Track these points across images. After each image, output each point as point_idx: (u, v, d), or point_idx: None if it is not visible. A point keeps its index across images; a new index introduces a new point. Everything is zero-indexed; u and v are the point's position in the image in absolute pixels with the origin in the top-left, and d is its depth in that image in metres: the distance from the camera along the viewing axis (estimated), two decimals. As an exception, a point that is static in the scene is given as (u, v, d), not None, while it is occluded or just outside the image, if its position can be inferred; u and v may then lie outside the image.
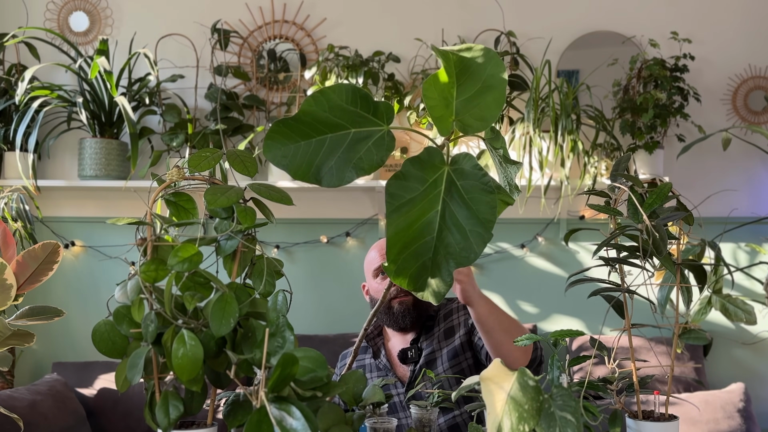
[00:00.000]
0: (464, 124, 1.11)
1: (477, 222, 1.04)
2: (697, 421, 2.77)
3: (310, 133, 1.08)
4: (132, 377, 0.99)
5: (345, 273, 3.42)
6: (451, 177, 1.07)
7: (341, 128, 1.08)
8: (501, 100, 1.10)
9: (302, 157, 1.08)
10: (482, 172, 1.06)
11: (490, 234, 1.04)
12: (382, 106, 1.09)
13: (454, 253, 1.05)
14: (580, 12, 3.44)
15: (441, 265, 1.05)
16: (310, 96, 1.09)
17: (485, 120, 1.11)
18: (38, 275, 1.31)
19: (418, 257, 1.05)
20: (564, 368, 1.15)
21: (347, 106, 1.08)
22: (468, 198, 1.05)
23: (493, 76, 1.09)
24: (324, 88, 1.09)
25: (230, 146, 3.36)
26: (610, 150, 3.18)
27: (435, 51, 1.06)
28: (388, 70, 3.37)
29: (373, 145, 1.09)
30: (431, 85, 1.09)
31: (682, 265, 1.31)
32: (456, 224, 1.05)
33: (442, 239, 1.05)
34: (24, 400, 2.71)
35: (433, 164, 1.07)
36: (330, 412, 1.09)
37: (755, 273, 3.24)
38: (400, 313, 2.07)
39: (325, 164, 1.08)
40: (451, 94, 1.09)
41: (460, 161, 1.08)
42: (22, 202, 3.14)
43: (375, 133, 1.09)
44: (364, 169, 1.09)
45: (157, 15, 3.56)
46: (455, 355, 2.03)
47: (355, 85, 1.09)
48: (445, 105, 1.10)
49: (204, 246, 1.07)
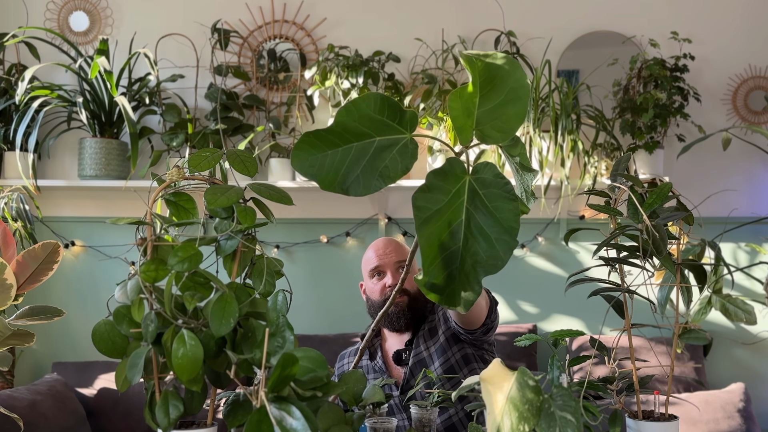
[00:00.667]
0: (484, 134, 1.11)
1: (502, 230, 1.05)
2: (697, 421, 2.77)
3: (337, 142, 1.09)
4: (132, 377, 0.99)
5: (345, 273, 3.42)
6: (473, 186, 1.07)
7: (366, 137, 1.09)
8: (523, 114, 1.10)
9: (329, 167, 1.08)
10: (504, 181, 1.06)
11: (515, 241, 1.04)
12: (408, 115, 1.10)
13: (481, 261, 1.05)
14: (580, 12, 3.44)
15: (469, 274, 1.05)
16: (343, 107, 1.09)
17: (505, 132, 1.11)
18: (38, 275, 1.31)
19: (446, 268, 1.05)
20: (564, 368, 1.15)
21: (375, 114, 1.09)
22: (492, 207, 1.05)
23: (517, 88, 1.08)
24: (356, 98, 1.09)
25: (230, 146, 3.36)
26: (610, 150, 3.18)
27: (461, 57, 1.06)
28: (388, 70, 3.37)
29: (398, 153, 1.09)
30: (457, 96, 1.09)
31: (682, 265, 1.31)
32: (481, 233, 1.05)
33: (468, 248, 1.05)
34: (24, 400, 2.71)
35: (455, 174, 1.07)
36: (330, 412, 1.09)
37: (755, 273, 3.24)
38: (395, 314, 2.08)
39: (351, 173, 1.08)
40: (473, 103, 1.09)
41: (482, 170, 1.08)
42: (22, 202, 3.14)
43: (399, 141, 1.10)
44: (390, 177, 1.09)
45: (157, 15, 3.56)
46: (443, 351, 2.04)
47: (384, 95, 1.09)
48: (467, 114, 1.10)
49: (204, 246, 1.07)
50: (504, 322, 3.33)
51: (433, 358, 2.04)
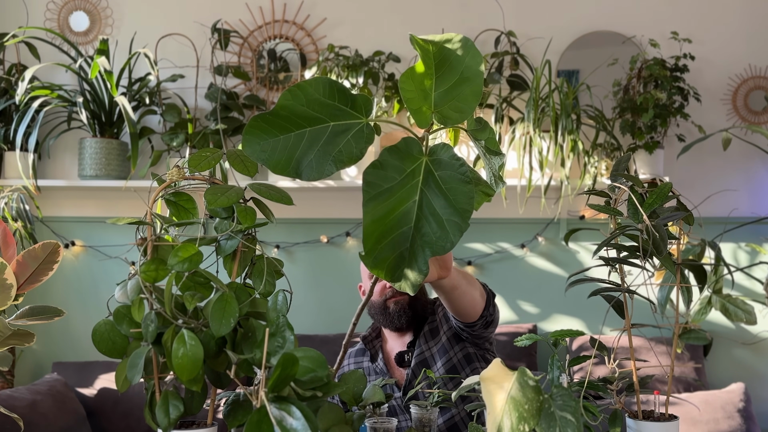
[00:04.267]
0: (443, 116, 1.12)
1: (454, 211, 1.05)
2: (697, 421, 2.77)
3: (289, 127, 1.08)
4: (132, 377, 0.99)
5: (345, 273, 3.42)
6: (429, 167, 1.07)
7: (320, 122, 1.09)
8: (478, 92, 1.11)
9: (281, 152, 1.08)
10: (459, 162, 1.06)
11: (466, 223, 1.05)
12: (359, 99, 1.10)
13: (430, 242, 1.05)
14: (580, 12, 3.44)
15: (417, 254, 1.06)
16: (286, 90, 1.08)
17: (463, 112, 1.12)
18: (38, 275, 1.31)
19: (396, 247, 1.06)
20: (564, 368, 1.15)
21: (325, 99, 1.08)
22: (446, 188, 1.06)
23: (470, 67, 1.09)
24: (301, 82, 1.09)
25: (230, 146, 3.36)
26: (610, 150, 3.18)
27: (413, 41, 1.06)
28: (388, 70, 3.37)
29: (353, 138, 1.09)
30: (408, 78, 1.10)
31: (682, 265, 1.31)
32: (433, 213, 1.06)
33: (419, 229, 1.06)
34: (24, 400, 2.71)
35: (411, 154, 1.08)
36: (330, 412, 1.09)
37: (755, 273, 3.24)
38: (396, 313, 2.08)
39: (304, 158, 1.08)
40: (429, 86, 1.10)
41: (438, 151, 1.08)
42: (23, 202, 3.14)
43: (354, 126, 1.09)
44: (344, 161, 1.09)
45: (157, 15, 3.56)
46: (445, 351, 2.04)
47: (331, 79, 1.10)
48: (423, 97, 1.11)
49: (204, 246, 1.07)
50: (504, 322, 3.33)
51: (435, 358, 2.04)
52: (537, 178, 3.12)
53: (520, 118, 3.16)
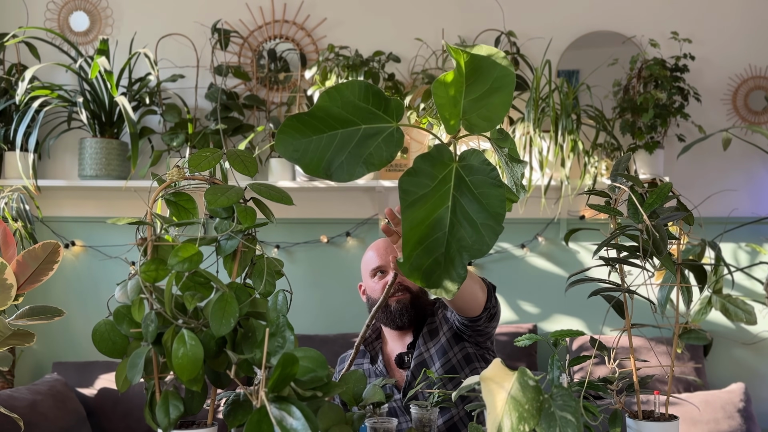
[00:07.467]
0: (471, 124, 1.13)
1: (488, 215, 1.07)
2: (697, 421, 2.77)
3: (322, 128, 1.10)
4: (132, 377, 0.99)
5: (345, 273, 3.42)
6: (459, 173, 1.09)
7: (352, 124, 1.10)
8: (508, 102, 1.12)
9: (314, 152, 1.10)
10: (490, 167, 1.08)
11: (501, 226, 1.06)
12: (393, 103, 1.11)
13: (467, 246, 1.07)
14: (580, 12, 3.44)
15: (454, 258, 1.07)
16: (324, 92, 1.10)
17: (491, 121, 1.13)
18: (38, 275, 1.31)
19: (431, 253, 1.07)
20: (564, 368, 1.15)
21: (359, 102, 1.10)
22: (478, 193, 1.07)
23: (502, 77, 1.10)
24: (339, 84, 1.11)
25: (230, 146, 3.36)
26: (610, 150, 3.18)
27: (448, 48, 1.07)
28: (388, 70, 3.37)
29: (383, 142, 1.11)
30: (441, 84, 1.11)
31: (683, 265, 1.31)
32: (467, 218, 1.07)
33: (454, 234, 1.07)
34: (24, 400, 2.71)
35: (442, 161, 1.09)
36: (330, 412, 1.09)
37: (755, 273, 3.24)
38: (398, 311, 2.08)
39: (335, 159, 1.10)
40: (460, 93, 1.11)
41: (468, 157, 1.10)
42: (23, 202, 3.14)
43: (384, 130, 1.11)
44: (374, 164, 1.10)
45: (157, 15, 3.56)
46: (444, 352, 2.04)
47: (368, 82, 1.11)
48: (453, 104, 1.12)
49: (204, 246, 1.07)
50: (504, 322, 3.33)
51: (434, 359, 2.04)
52: (537, 178, 3.12)
53: (520, 118, 3.16)
